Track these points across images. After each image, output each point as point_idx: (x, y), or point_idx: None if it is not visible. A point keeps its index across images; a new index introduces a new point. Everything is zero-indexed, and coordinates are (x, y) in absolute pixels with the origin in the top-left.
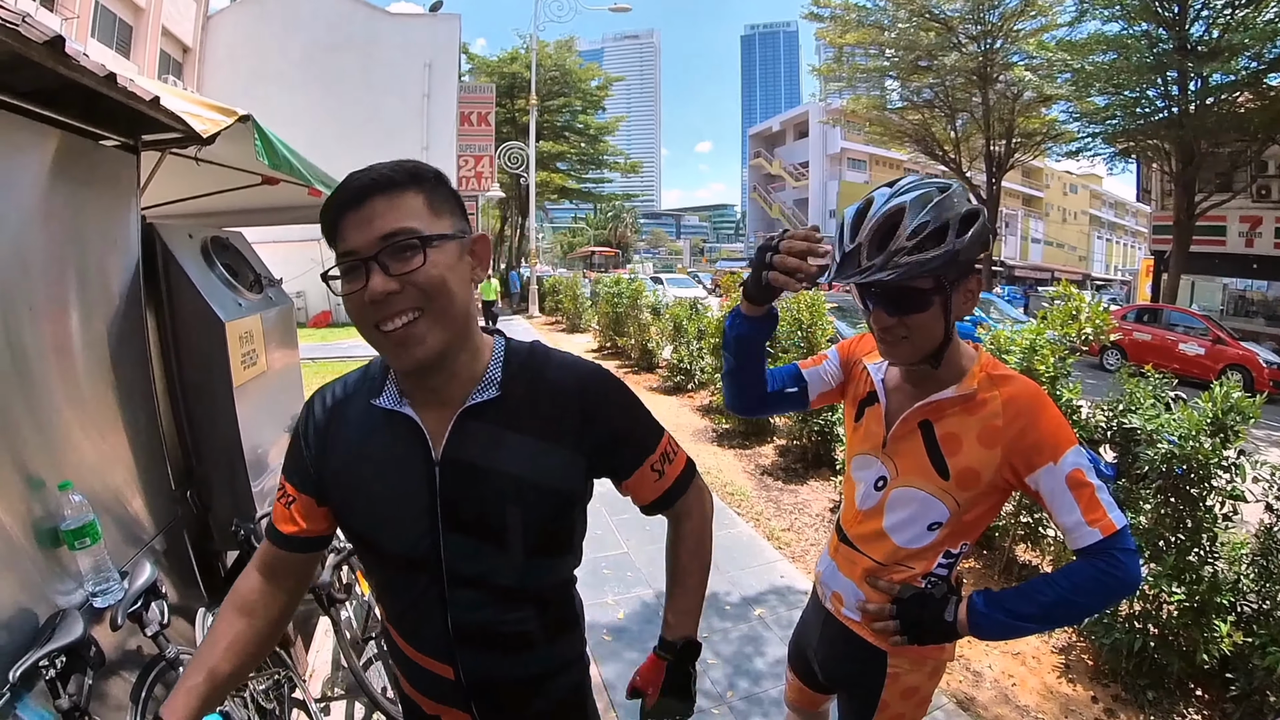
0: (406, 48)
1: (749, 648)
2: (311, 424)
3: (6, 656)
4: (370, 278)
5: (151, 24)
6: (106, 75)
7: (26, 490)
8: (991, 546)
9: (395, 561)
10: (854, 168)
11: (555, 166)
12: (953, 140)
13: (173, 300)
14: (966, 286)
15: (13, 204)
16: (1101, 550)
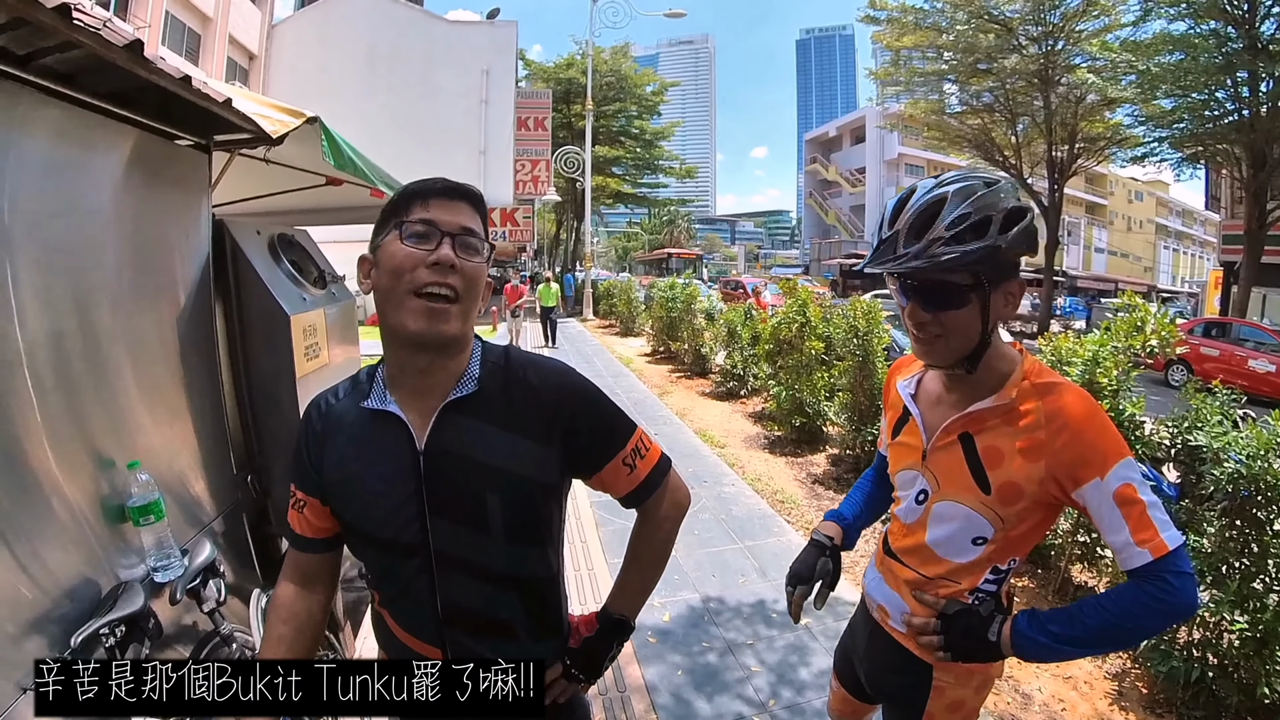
0: (464, 54)
1: (794, 657)
2: (309, 431)
3: (69, 623)
4: (443, 246)
5: (219, 32)
6: (182, 77)
7: (96, 468)
8: (1046, 566)
9: (388, 547)
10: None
11: (611, 171)
12: (1013, 145)
13: (240, 293)
14: (1008, 288)
15: (93, 197)
16: (1152, 573)
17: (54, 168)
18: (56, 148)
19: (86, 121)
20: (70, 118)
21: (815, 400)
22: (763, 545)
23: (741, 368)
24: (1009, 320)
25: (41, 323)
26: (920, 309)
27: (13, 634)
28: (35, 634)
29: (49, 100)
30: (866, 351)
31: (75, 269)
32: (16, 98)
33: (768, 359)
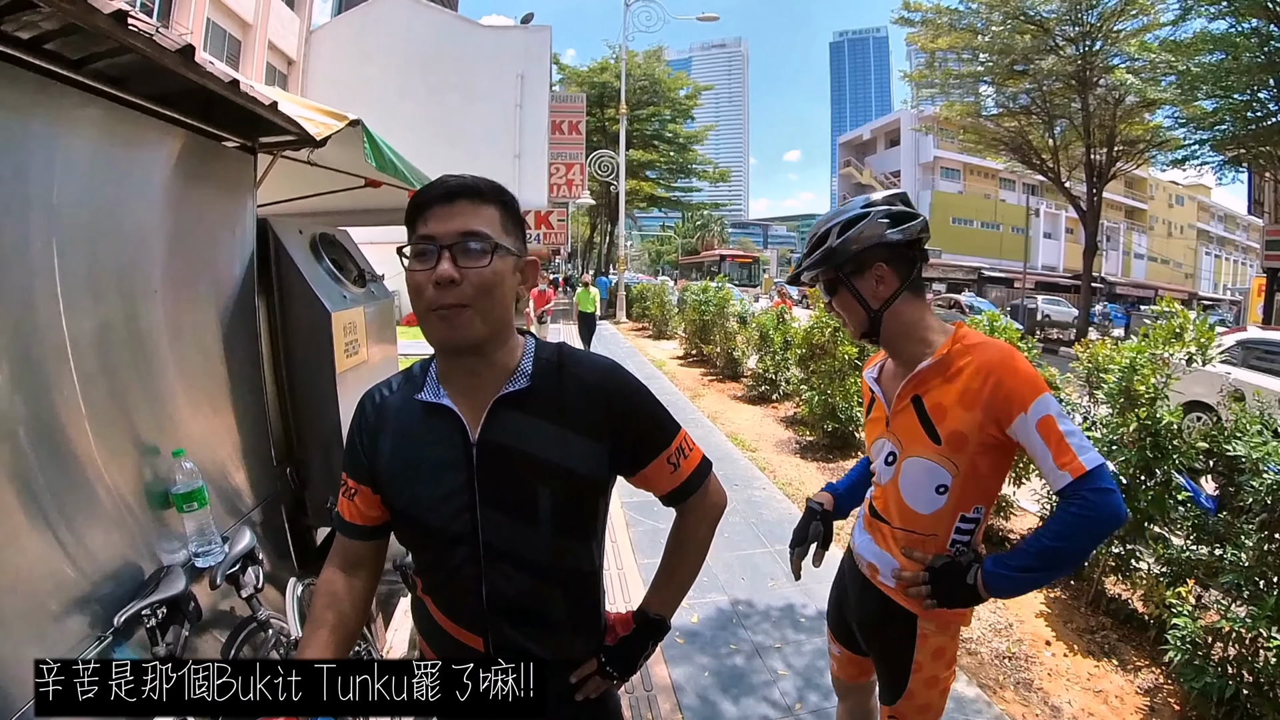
0: (499, 59)
1: (821, 662)
2: (363, 422)
3: (113, 603)
4: (440, 262)
5: (258, 39)
6: (231, 81)
7: (141, 455)
8: (1079, 577)
9: (438, 535)
10: (948, 177)
11: (645, 175)
12: (1051, 148)
13: (283, 290)
14: (873, 273)
15: (142, 195)
16: (1073, 493)
17: (104, 166)
18: (107, 147)
19: (137, 123)
20: (121, 119)
21: (848, 405)
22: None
23: (773, 372)
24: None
25: (87, 315)
26: (825, 301)
27: (56, 613)
28: (79, 613)
29: (99, 101)
30: None
31: (123, 264)
32: (67, 99)
33: (800, 363)
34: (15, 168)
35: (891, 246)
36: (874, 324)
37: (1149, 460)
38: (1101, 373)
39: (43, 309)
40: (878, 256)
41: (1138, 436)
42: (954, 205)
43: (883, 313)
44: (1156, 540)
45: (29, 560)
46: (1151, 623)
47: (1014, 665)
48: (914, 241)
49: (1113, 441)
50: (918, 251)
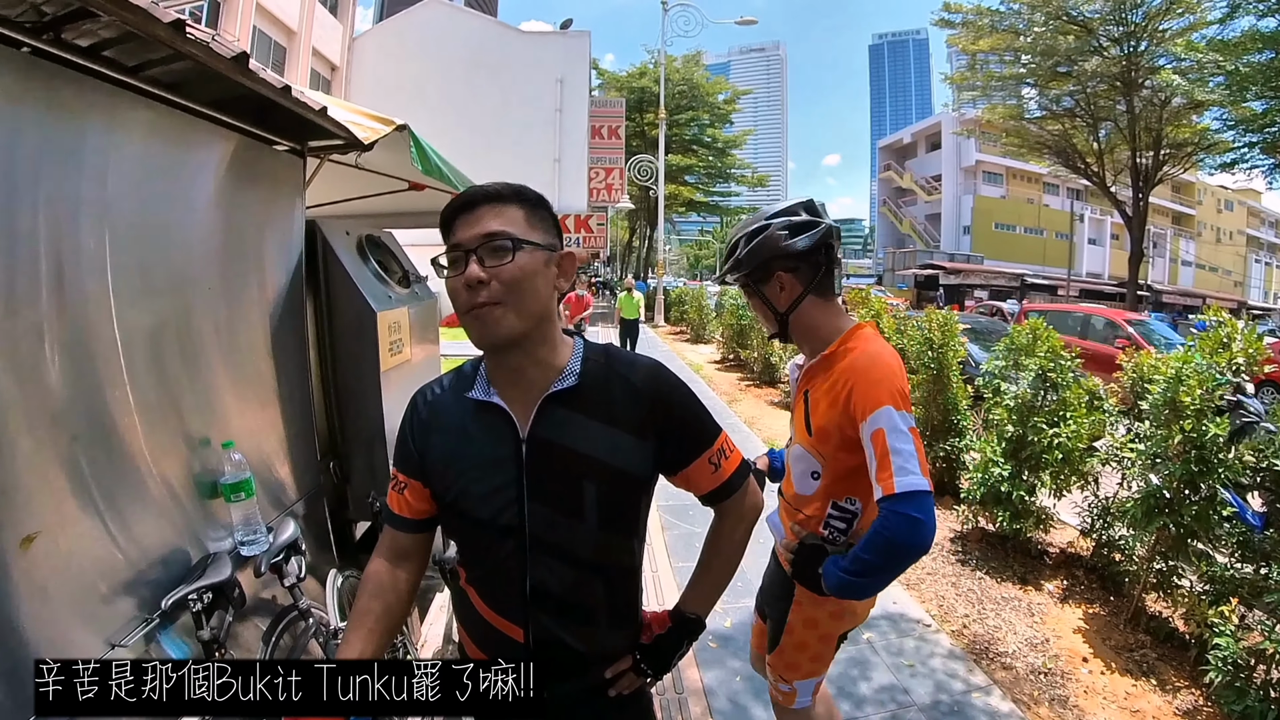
0: (539, 64)
1: (854, 670)
2: (415, 418)
3: (160, 587)
4: (468, 266)
5: (303, 46)
6: (283, 87)
7: (190, 447)
8: (1119, 593)
9: (486, 527)
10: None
11: (683, 179)
12: (1095, 152)
13: (330, 290)
14: (775, 281)
15: (197, 196)
16: (883, 508)
17: (160, 169)
18: (163, 150)
19: (191, 127)
20: (176, 123)
21: None
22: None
23: None
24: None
25: (142, 311)
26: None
27: (106, 594)
28: (128, 596)
29: (156, 106)
30: (941, 365)
31: (177, 263)
32: (124, 103)
33: None
34: (76, 170)
35: (792, 255)
36: (782, 325)
37: (1194, 474)
38: (1146, 383)
39: (98, 307)
40: (779, 265)
41: (1182, 450)
42: (996, 210)
43: (788, 315)
44: (1200, 557)
45: (81, 544)
46: (1192, 642)
47: (1049, 681)
48: (817, 248)
49: (1156, 455)
50: (824, 256)
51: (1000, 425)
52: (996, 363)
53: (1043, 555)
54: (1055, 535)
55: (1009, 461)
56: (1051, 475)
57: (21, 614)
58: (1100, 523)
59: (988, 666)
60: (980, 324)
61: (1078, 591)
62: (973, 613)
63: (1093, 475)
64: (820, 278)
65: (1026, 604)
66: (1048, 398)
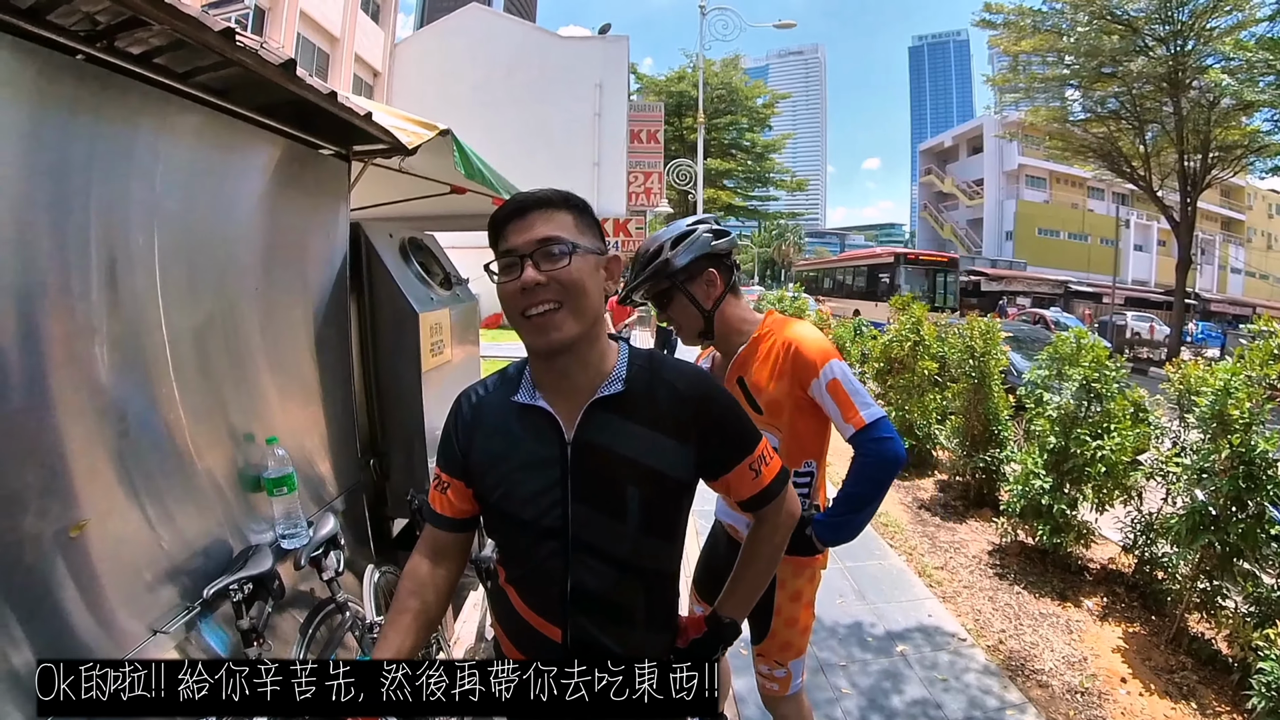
0: (578, 69)
1: (887, 683)
2: (460, 420)
3: (203, 577)
4: (524, 270)
5: (345, 52)
6: (329, 93)
7: (234, 442)
8: (1161, 613)
9: (529, 528)
10: (1033, 186)
11: (722, 184)
12: (1141, 155)
13: (373, 291)
14: (704, 279)
15: (243, 198)
16: (858, 442)
17: (206, 171)
18: (210, 153)
19: (240, 131)
20: (225, 127)
21: (926, 423)
22: (863, 567)
23: None
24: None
25: (186, 309)
26: (660, 312)
27: (150, 582)
28: (171, 584)
29: (205, 111)
30: (982, 374)
31: (224, 264)
32: (169, 106)
33: (877, 378)
34: (127, 172)
35: (716, 256)
36: (708, 324)
37: (1241, 491)
38: (1193, 395)
39: (147, 305)
40: (708, 264)
41: (1230, 465)
42: (1040, 215)
43: (714, 313)
44: (1245, 577)
45: (128, 533)
46: (1235, 666)
47: (1086, 701)
48: (730, 251)
49: (1202, 469)
50: (733, 261)
51: (1042, 436)
52: (1040, 372)
53: (1083, 571)
54: (1096, 551)
55: (1050, 474)
56: (1094, 489)
57: (70, 597)
58: (1143, 539)
59: (1023, 684)
60: (1023, 332)
61: (1118, 609)
62: (1009, 628)
63: (1136, 489)
64: (733, 279)
65: (1065, 620)
66: (1092, 409)
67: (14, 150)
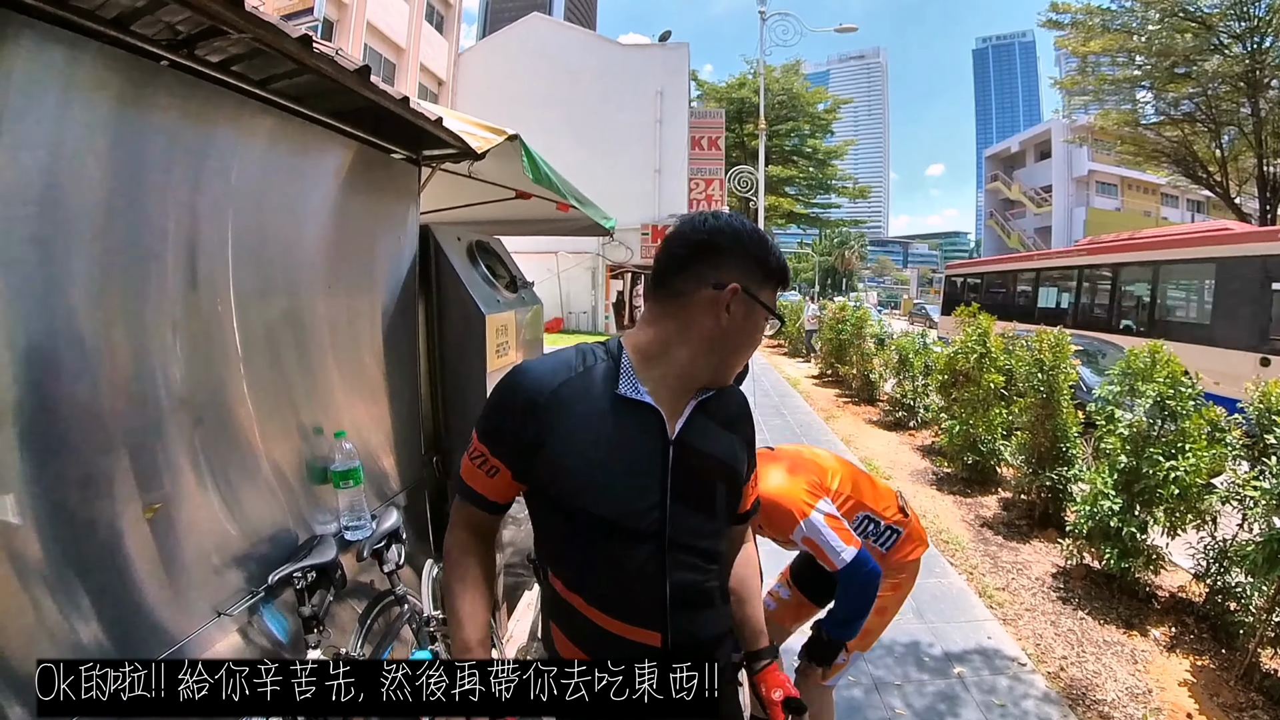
0: (639, 76)
1: (942, 705)
2: (534, 401)
3: (268, 564)
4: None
5: (411, 62)
6: (402, 99)
7: (306, 435)
8: (1232, 647)
9: (620, 532)
10: (1103, 192)
11: (784, 191)
12: (1218, 159)
13: (441, 292)
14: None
15: (317, 200)
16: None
17: (281, 172)
18: (285, 156)
19: (314, 135)
20: (302, 132)
21: (991, 438)
22: (922, 585)
23: (912, 398)
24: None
25: (259, 306)
26: None
27: (218, 566)
28: (239, 569)
29: (279, 114)
30: (1051, 389)
31: (295, 261)
32: (245, 110)
33: (940, 390)
34: (205, 173)
35: None
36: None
37: None
38: (1274, 415)
39: (222, 302)
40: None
41: None
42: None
43: None
44: None
45: (199, 518)
46: None
47: None
48: None
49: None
50: None
51: (1113, 455)
52: (1110, 388)
53: (1151, 598)
54: (1166, 578)
55: (1120, 495)
56: (1166, 512)
57: (142, 575)
58: (1216, 567)
59: (1083, 714)
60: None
61: (1186, 640)
62: (1071, 654)
63: (1211, 514)
64: None
65: (1130, 650)
66: (1165, 427)
67: (99, 151)
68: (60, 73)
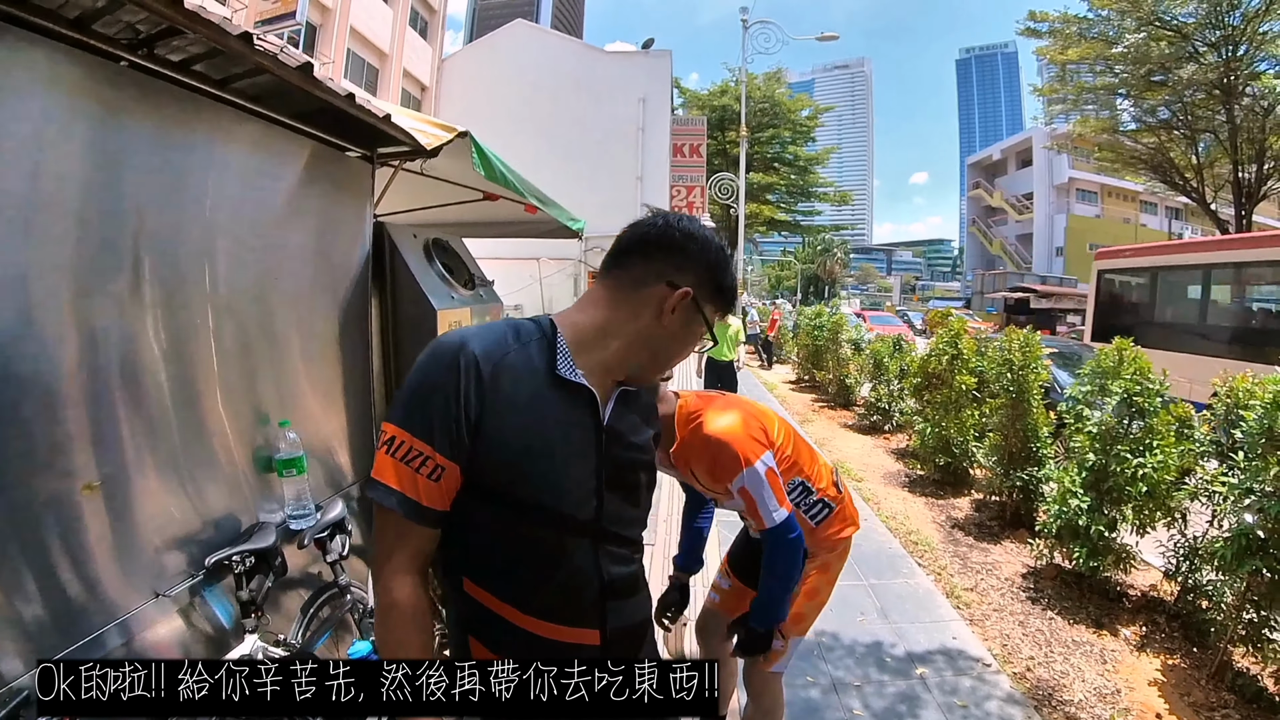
0: (621, 83)
1: (902, 706)
2: (471, 382)
3: (211, 548)
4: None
5: (394, 67)
6: (347, 95)
7: (253, 423)
8: (1204, 645)
9: (561, 524)
10: (1084, 199)
11: (765, 198)
12: (1194, 166)
13: (396, 287)
14: None
15: (273, 194)
16: (766, 539)
17: (236, 169)
18: (242, 153)
19: (269, 133)
20: (256, 130)
21: (963, 439)
22: (888, 585)
23: (887, 401)
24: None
25: (209, 297)
26: None
27: (159, 547)
28: (180, 551)
29: (235, 113)
30: (1020, 389)
31: (248, 254)
32: (203, 109)
33: (914, 393)
34: (160, 170)
35: None
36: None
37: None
38: (1240, 410)
39: (176, 290)
40: None
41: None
42: (1091, 230)
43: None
44: None
45: (141, 501)
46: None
47: None
48: None
49: (1250, 490)
50: None
51: (1081, 453)
52: (1081, 387)
53: (1121, 597)
54: (1138, 577)
55: (1089, 493)
56: (1134, 510)
57: (81, 551)
58: (1187, 564)
59: (1049, 715)
60: (1070, 349)
61: (1157, 640)
62: (1039, 655)
63: (1180, 511)
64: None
65: (1099, 650)
66: (1134, 425)
67: (56, 146)
68: (23, 73)
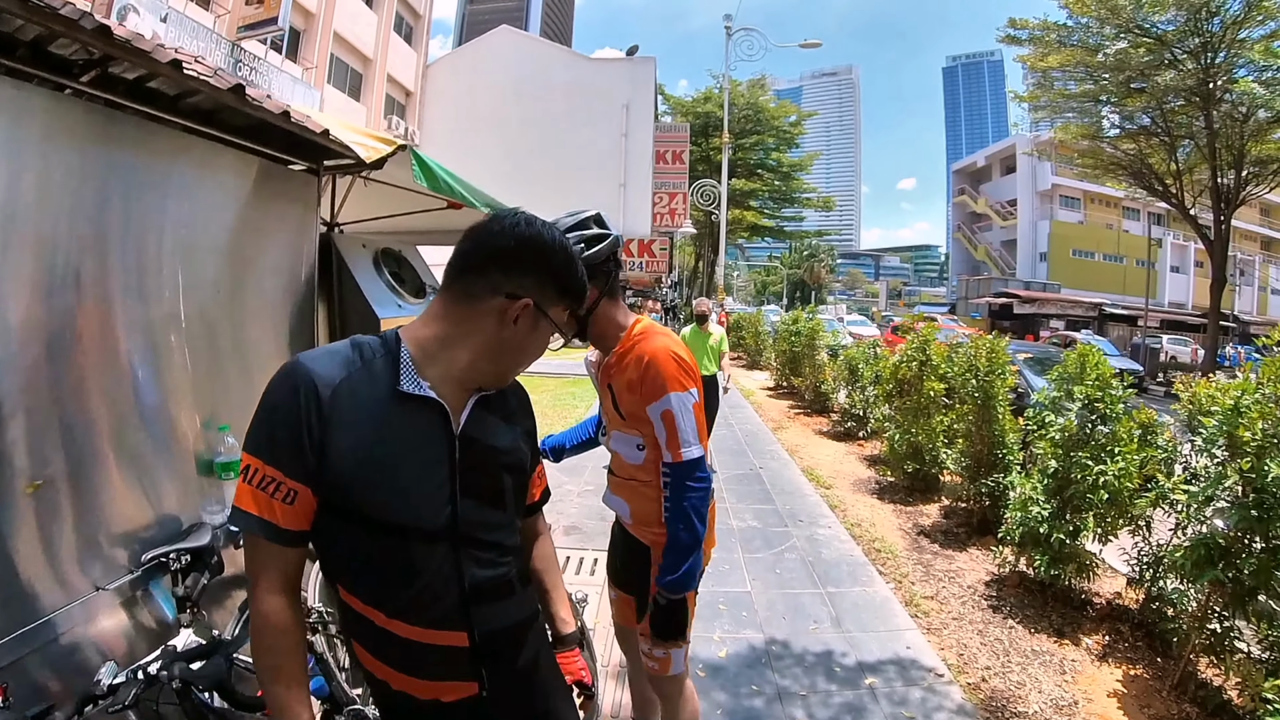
0: (605, 90)
1: (847, 716)
2: (311, 408)
3: (151, 546)
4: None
5: (379, 72)
6: (282, 112)
7: (194, 428)
8: (1166, 655)
9: (414, 536)
10: (1067, 206)
11: (748, 204)
12: (1173, 172)
13: (342, 296)
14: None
15: (222, 211)
16: (674, 475)
17: (184, 183)
18: (189, 170)
19: (215, 151)
20: (203, 149)
21: (933, 445)
22: (845, 593)
23: (862, 408)
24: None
25: (158, 305)
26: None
27: (101, 543)
28: (121, 548)
29: (182, 135)
30: (987, 394)
31: (193, 265)
32: (148, 132)
33: (886, 399)
34: (107, 189)
35: (592, 265)
36: (582, 327)
37: (1254, 522)
38: (1202, 416)
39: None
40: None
41: (1240, 492)
42: (1074, 236)
43: (588, 316)
44: (1261, 617)
45: (85, 501)
46: (1245, 718)
47: None
48: (609, 257)
49: (1210, 497)
50: (613, 263)
51: (1043, 459)
52: (1049, 393)
53: (1085, 606)
54: (1103, 584)
55: (1050, 500)
56: (1096, 517)
57: (24, 546)
58: (1150, 572)
59: None
60: (1049, 354)
61: (1120, 649)
62: (995, 665)
63: (1143, 518)
64: (611, 282)
65: (1059, 659)
66: (1097, 430)
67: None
68: None
